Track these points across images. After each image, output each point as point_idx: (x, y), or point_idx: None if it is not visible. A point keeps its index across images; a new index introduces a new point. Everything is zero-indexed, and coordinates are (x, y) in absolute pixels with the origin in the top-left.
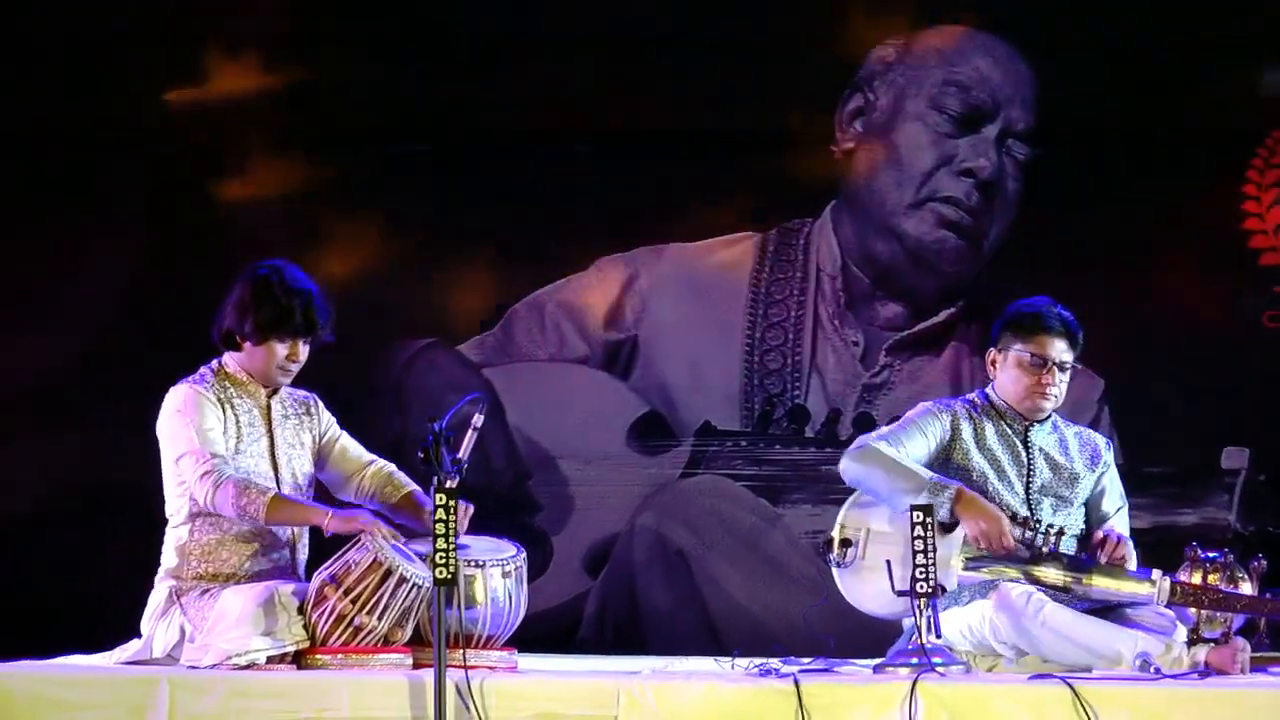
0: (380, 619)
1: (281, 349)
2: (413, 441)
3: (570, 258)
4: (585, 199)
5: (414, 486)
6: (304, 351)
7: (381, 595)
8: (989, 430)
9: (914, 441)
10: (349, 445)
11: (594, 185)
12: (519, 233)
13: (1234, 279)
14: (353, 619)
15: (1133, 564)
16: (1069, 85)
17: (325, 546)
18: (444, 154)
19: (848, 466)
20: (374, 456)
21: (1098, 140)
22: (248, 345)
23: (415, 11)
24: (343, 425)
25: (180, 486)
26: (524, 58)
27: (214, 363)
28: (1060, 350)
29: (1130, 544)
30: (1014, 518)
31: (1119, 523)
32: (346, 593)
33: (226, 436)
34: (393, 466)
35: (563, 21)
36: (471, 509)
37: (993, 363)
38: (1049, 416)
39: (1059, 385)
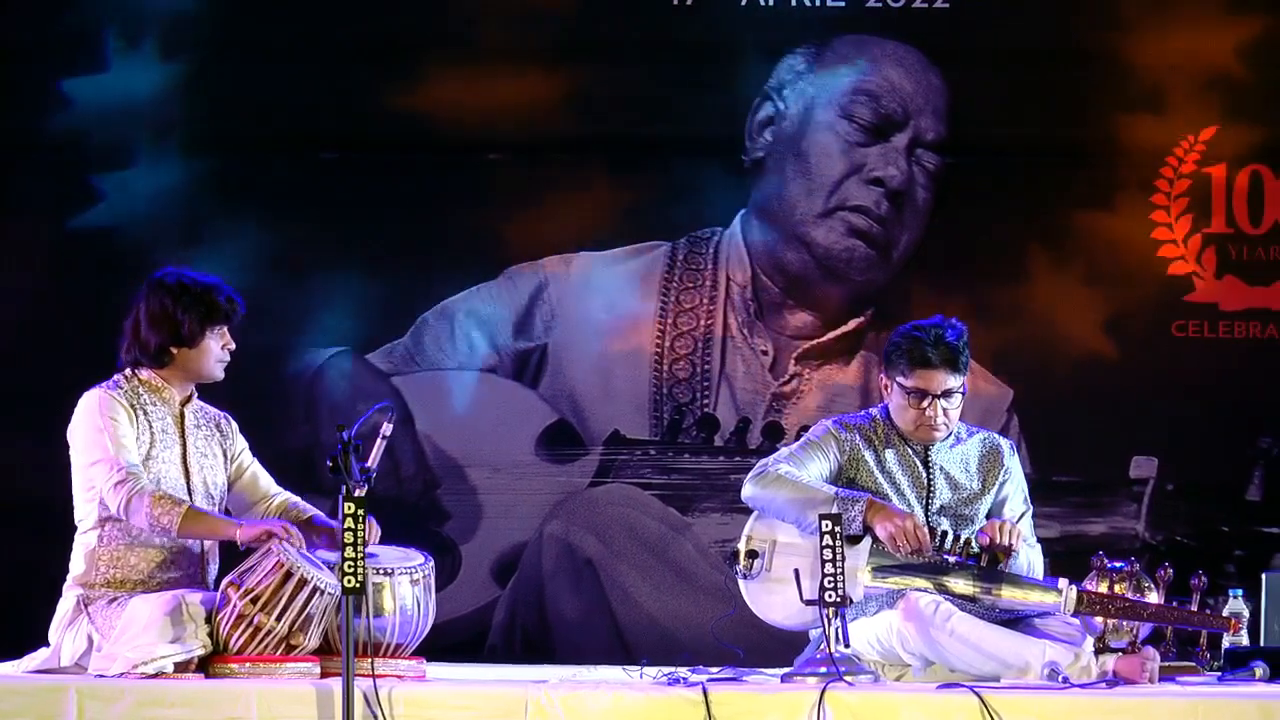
0: (279, 620)
1: (216, 342)
2: (322, 450)
3: (479, 266)
4: (494, 207)
5: (315, 511)
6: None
7: (281, 597)
8: (889, 454)
9: (814, 462)
10: (260, 474)
11: (503, 193)
12: (428, 241)
13: (1143, 288)
14: (252, 618)
15: (1033, 548)
16: (980, 95)
17: (236, 561)
18: (353, 161)
19: (751, 493)
20: (280, 489)
21: (1008, 150)
22: (182, 351)
23: (325, 16)
24: (251, 433)
25: (90, 492)
26: (433, 64)
27: (126, 370)
28: (942, 382)
29: (1021, 532)
30: None
31: (1022, 528)
32: (247, 593)
33: (140, 444)
34: (297, 498)
35: (472, 28)
36: (379, 530)
37: (885, 387)
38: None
39: (946, 413)
